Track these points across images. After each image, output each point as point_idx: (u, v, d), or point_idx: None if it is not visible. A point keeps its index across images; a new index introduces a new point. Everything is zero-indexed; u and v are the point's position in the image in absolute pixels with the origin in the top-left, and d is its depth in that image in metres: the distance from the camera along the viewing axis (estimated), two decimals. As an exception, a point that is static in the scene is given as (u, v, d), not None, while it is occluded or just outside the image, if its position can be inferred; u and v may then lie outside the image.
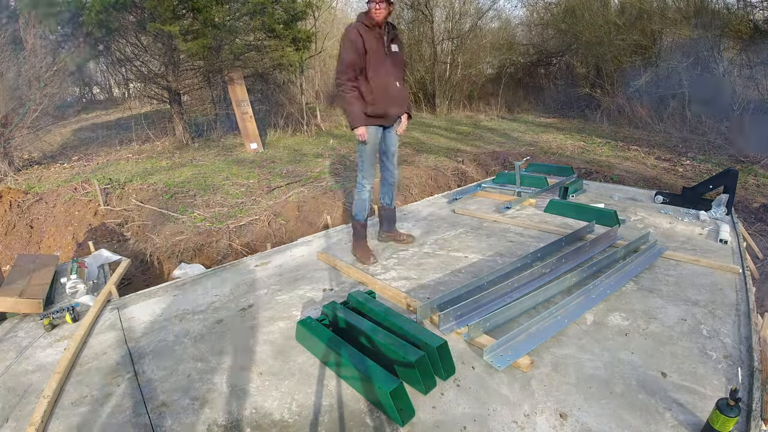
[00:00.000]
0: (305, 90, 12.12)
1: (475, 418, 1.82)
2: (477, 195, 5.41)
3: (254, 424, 1.83)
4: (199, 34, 7.70)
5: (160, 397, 2.01)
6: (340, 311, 2.36)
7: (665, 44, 12.04)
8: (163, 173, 7.35)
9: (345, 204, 6.22)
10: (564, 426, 1.77)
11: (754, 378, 1.98)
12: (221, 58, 8.32)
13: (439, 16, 15.65)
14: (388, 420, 1.82)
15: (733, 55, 10.70)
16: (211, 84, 10.33)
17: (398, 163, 3.74)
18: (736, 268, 3.08)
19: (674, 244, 3.61)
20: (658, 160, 8.74)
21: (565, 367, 2.12)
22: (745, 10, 10.23)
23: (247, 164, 8.03)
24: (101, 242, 5.36)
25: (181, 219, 5.65)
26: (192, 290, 3.11)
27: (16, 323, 2.71)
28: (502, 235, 3.98)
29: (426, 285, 3.04)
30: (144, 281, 4.82)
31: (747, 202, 6.42)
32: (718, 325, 2.43)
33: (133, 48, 8.83)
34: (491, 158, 8.79)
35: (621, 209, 4.52)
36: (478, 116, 14.35)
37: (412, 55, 15.52)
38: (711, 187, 4.50)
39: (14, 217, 5.87)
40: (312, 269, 3.39)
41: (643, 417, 1.80)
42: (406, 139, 10.26)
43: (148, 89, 9.61)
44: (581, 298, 2.67)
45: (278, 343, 2.40)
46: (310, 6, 9.59)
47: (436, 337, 2.07)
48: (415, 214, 4.73)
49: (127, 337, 2.54)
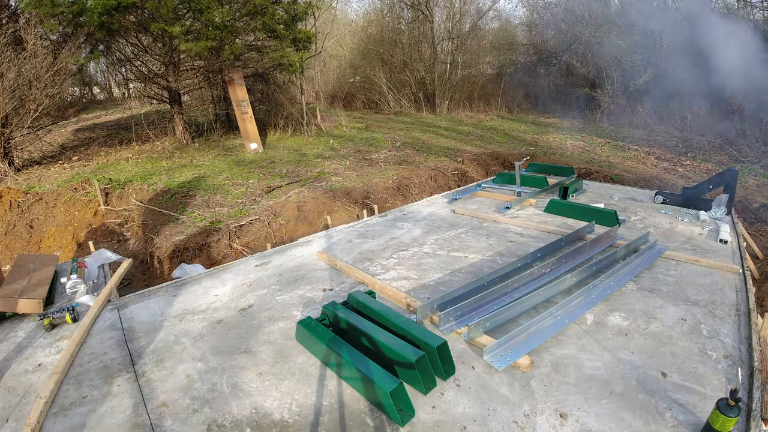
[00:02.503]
0: (305, 90, 12.13)
1: (475, 418, 1.82)
2: (477, 195, 5.41)
3: (254, 424, 1.83)
4: (200, 34, 7.71)
5: (160, 397, 2.01)
6: (341, 311, 2.36)
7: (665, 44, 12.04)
8: (163, 173, 7.35)
9: (345, 204, 6.22)
10: (564, 426, 1.77)
11: (754, 378, 1.98)
12: (221, 59, 8.32)
13: (439, 16, 15.68)
14: (388, 420, 1.82)
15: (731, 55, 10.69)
16: (211, 84, 10.33)
17: (399, 162, 3.75)
18: (736, 268, 3.07)
19: (674, 244, 3.61)
20: (658, 160, 8.74)
21: (565, 367, 2.12)
22: (746, 10, 10.23)
23: (247, 164, 8.03)
24: (101, 242, 5.36)
25: (181, 219, 5.65)
26: (192, 290, 3.11)
27: (16, 323, 2.71)
28: (502, 235, 3.97)
29: (426, 285, 3.03)
30: (144, 281, 4.82)
31: (747, 202, 6.41)
32: (718, 325, 2.43)
33: (133, 48, 8.84)
34: (491, 158, 8.79)
35: (621, 209, 4.52)
36: (478, 116, 14.36)
37: (412, 55, 15.54)
38: (711, 187, 4.50)
39: (14, 217, 5.87)
40: (312, 269, 3.39)
41: (643, 417, 1.80)
42: (407, 139, 10.26)
43: (148, 89, 9.61)
44: (581, 298, 2.67)
45: (278, 343, 2.40)
46: (310, 6, 9.59)
47: (436, 337, 2.07)
48: (415, 214, 4.73)
49: (127, 337, 2.54)
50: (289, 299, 2.91)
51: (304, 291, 3.02)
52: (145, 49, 8.74)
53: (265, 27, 8.61)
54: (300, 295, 2.96)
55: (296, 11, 9.10)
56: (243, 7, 8.50)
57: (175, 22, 7.59)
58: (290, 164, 7.98)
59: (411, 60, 15.39)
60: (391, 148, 9.13)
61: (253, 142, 9.00)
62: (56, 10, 6.95)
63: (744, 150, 8.77)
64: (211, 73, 9.49)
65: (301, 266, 3.46)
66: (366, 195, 6.49)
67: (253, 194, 6.47)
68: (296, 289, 3.05)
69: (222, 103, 11.03)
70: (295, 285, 3.12)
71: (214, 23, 7.69)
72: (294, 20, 9.17)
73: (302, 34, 9.22)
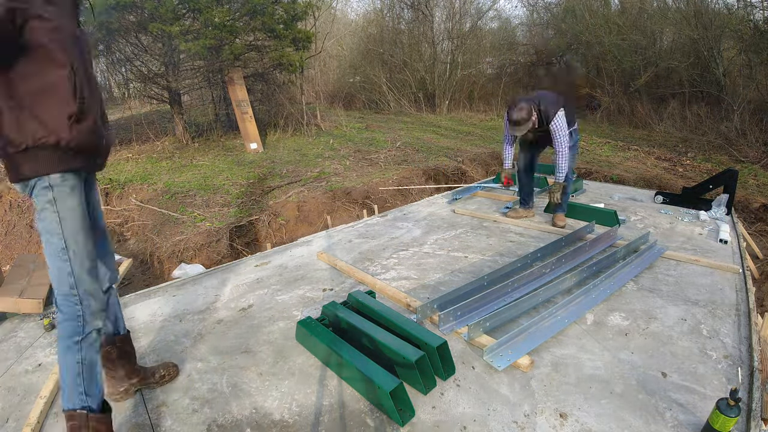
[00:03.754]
0: (305, 90, 12.12)
1: (475, 418, 1.82)
2: (477, 195, 5.41)
3: (254, 424, 1.83)
4: (200, 34, 7.70)
5: (160, 397, 2.01)
6: (340, 311, 2.36)
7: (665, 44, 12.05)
8: (163, 173, 7.35)
9: (345, 204, 6.22)
10: (564, 426, 1.77)
11: (754, 378, 1.98)
12: (221, 58, 8.31)
13: (439, 16, 15.68)
14: (388, 420, 1.82)
15: (733, 55, 10.71)
16: (211, 84, 10.32)
17: (398, 162, 3.76)
18: (736, 268, 3.08)
19: (674, 244, 3.61)
20: (658, 160, 8.74)
21: (565, 367, 2.12)
22: (746, 10, 10.23)
23: (247, 164, 8.03)
24: (101, 242, 5.36)
25: (181, 219, 5.65)
26: (192, 290, 3.11)
27: (16, 323, 2.71)
28: (502, 235, 3.98)
29: (426, 285, 3.03)
30: (144, 281, 4.82)
31: (747, 202, 6.42)
32: (718, 325, 2.43)
33: (133, 48, 8.83)
34: (491, 158, 8.79)
35: (621, 209, 4.52)
36: (478, 116, 14.36)
37: (412, 55, 15.54)
38: (711, 187, 4.50)
39: (14, 217, 5.87)
40: (312, 269, 3.39)
41: (643, 417, 1.80)
42: (407, 138, 10.26)
43: (148, 89, 9.60)
44: (581, 298, 2.67)
45: (278, 343, 2.40)
46: (310, 6, 9.59)
47: (436, 337, 2.07)
48: (415, 214, 4.73)
49: (127, 337, 2.53)
50: (289, 299, 2.91)
51: (304, 291, 3.02)
52: (145, 49, 8.73)
53: (265, 27, 8.60)
54: (300, 295, 2.96)
55: (296, 11, 9.09)
56: (242, 7, 8.49)
57: (175, 21, 7.58)
58: (290, 164, 7.98)
59: (411, 60, 15.38)
60: (391, 148, 9.13)
61: (253, 142, 9.00)
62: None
63: (744, 150, 8.77)
64: (211, 73, 9.48)
65: (301, 266, 3.46)
66: (366, 195, 6.49)
67: (253, 194, 6.47)
68: (296, 289, 3.05)
69: (222, 103, 11.02)
70: (295, 285, 3.12)
71: (214, 23, 7.69)
72: (294, 20, 9.16)
73: (302, 34, 9.21)
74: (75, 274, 1.45)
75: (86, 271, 1.48)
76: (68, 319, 1.48)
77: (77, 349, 1.48)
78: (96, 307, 1.52)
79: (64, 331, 1.49)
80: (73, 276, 1.45)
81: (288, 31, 8.91)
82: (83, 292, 1.48)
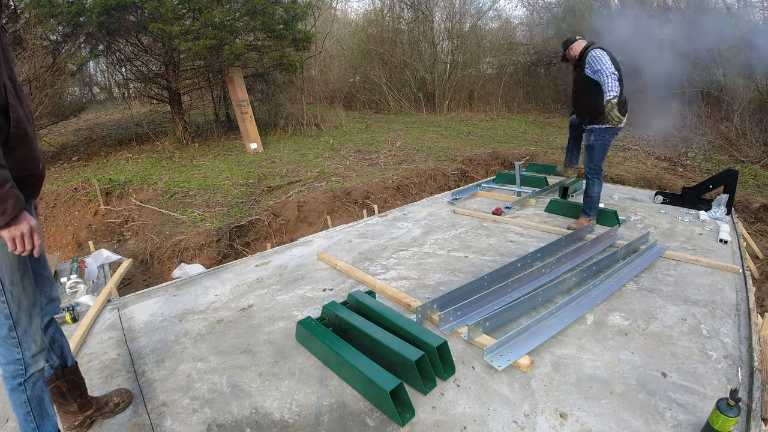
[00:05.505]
0: (305, 90, 12.13)
1: (475, 418, 1.82)
2: (477, 195, 5.41)
3: (254, 424, 1.83)
4: (200, 34, 7.70)
5: (160, 397, 2.01)
6: (341, 311, 2.36)
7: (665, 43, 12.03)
8: (163, 173, 7.35)
9: (345, 204, 6.22)
10: (564, 426, 1.77)
11: (754, 378, 1.98)
12: (221, 58, 8.31)
13: (439, 16, 15.68)
14: (388, 420, 1.82)
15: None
16: (211, 84, 10.32)
17: (398, 162, 3.75)
18: (736, 268, 3.08)
19: (674, 244, 3.61)
20: (658, 160, 8.74)
21: (565, 367, 2.12)
22: (746, 10, 10.23)
23: (247, 164, 8.03)
24: (101, 242, 5.36)
25: (181, 219, 5.65)
26: (192, 290, 3.11)
27: None
28: (502, 235, 3.98)
29: (426, 285, 3.03)
30: (144, 281, 4.82)
31: (747, 202, 6.42)
32: (718, 325, 2.43)
33: (133, 48, 8.83)
34: (491, 158, 8.79)
35: (621, 209, 4.52)
36: (478, 116, 14.35)
37: (412, 54, 15.54)
38: (711, 187, 4.50)
39: None
40: (312, 269, 3.39)
41: (643, 417, 1.80)
42: (407, 138, 10.26)
43: (148, 89, 9.61)
44: (581, 298, 2.67)
45: (278, 343, 2.40)
46: (310, 6, 9.59)
47: (436, 337, 2.07)
48: (415, 214, 4.73)
49: (127, 337, 2.54)
50: (289, 299, 2.91)
51: (304, 291, 3.02)
52: (145, 49, 8.73)
53: (265, 27, 8.60)
54: (300, 295, 2.96)
55: (296, 11, 9.09)
56: (242, 7, 8.49)
57: (175, 21, 7.58)
58: (290, 164, 7.98)
59: (411, 60, 15.38)
60: (391, 148, 9.13)
61: (253, 142, 9.00)
62: (55, 10, 6.94)
63: (744, 150, 8.77)
64: (211, 73, 9.48)
65: (301, 266, 3.46)
66: (366, 195, 6.49)
67: (253, 194, 6.47)
68: (296, 289, 3.05)
69: (222, 103, 11.02)
70: (295, 285, 3.12)
71: (214, 23, 7.69)
72: (294, 20, 9.15)
73: (302, 34, 9.21)
74: (13, 315, 1.38)
75: (24, 311, 1.41)
76: (9, 362, 1.43)
77: (21, 390, 1.45)
78: (36, 350, 1.46)
79: (7, 373, 1.45)
80: (12, 318, 1.38)
81: (288, 31, 8.91)
82: (22, 334, 1.42)
